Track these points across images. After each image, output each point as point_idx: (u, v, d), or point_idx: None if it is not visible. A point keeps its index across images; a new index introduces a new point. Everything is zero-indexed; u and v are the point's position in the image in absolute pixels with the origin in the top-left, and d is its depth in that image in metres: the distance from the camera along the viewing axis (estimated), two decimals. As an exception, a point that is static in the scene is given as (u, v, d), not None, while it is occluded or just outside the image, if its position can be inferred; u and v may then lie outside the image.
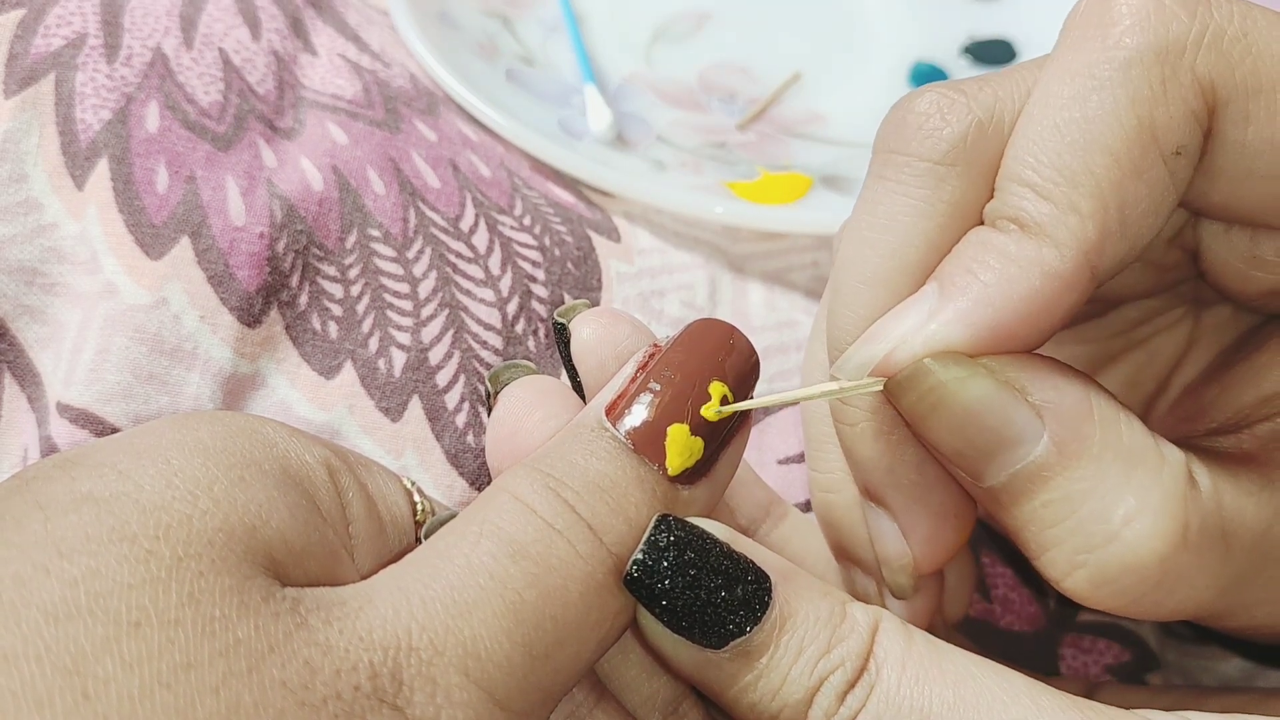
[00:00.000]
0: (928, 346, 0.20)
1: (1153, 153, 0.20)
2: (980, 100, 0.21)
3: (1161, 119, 0.20)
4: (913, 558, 0.24)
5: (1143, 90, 0.20)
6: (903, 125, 0.22)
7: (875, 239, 0.22)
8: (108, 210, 0.32)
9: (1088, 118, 0.20)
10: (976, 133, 0.21)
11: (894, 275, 0.22)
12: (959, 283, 0.21)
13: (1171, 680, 0.33)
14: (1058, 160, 0.20)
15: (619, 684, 0.23)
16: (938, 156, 0.21)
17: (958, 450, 0.21)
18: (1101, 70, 0.20)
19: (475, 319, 0.33)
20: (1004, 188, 0.21)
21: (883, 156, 0.22)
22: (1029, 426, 0.20)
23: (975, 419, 0.20)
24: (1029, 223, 0.20)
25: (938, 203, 0.21)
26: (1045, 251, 0.20)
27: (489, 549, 0.19)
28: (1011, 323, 0.20)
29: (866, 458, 0.23)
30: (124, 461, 0.19)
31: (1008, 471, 0.21)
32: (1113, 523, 0.20)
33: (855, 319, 0.22)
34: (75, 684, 0.15)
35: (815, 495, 0.26)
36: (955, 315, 0.20)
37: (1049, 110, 0.20)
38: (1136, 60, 0.20)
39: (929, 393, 0.21)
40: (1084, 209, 0.20)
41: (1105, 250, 0.20)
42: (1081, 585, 0.21)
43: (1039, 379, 0.21)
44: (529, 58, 0.45)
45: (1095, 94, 0.20)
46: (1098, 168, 0.20)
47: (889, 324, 0.21)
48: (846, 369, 0.22)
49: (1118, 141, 0.20)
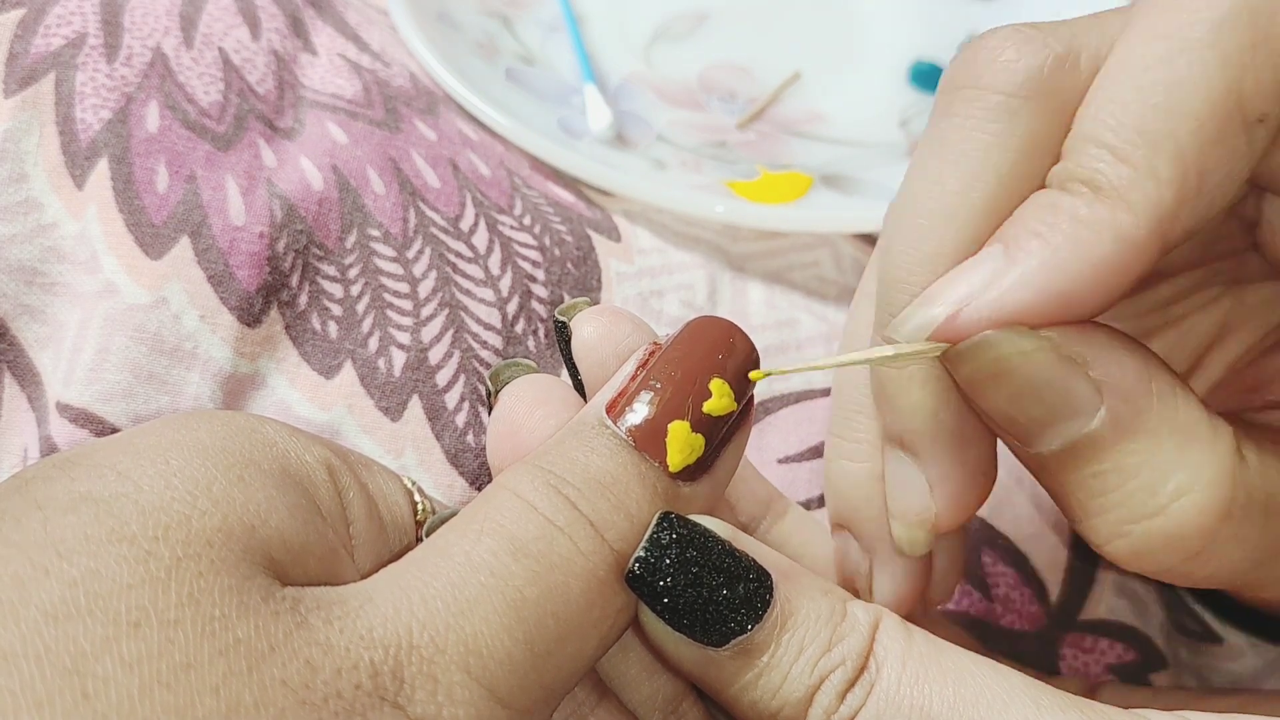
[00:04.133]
0: (993, 311, 0.20)
1: (1236, 119, 0.19)
2: (1058, 36, 0.21)
3: (1250, 84, 0.19)
4: (936, 512, 0.23)
5: (1233, 54, 0.19)
6: (974, 60, 0.21)
7: (943, 173, 0.21)
8: (108, 210, 0.32)
9: (1175, 80, 0.19)
10: (1054, 66, 0.20)
11: (962, 211, 0.21)
12: (1026, 245, 0.20)
13: (1179, 678, 0.33)
14: (1140, 123, 0.19)
15: (620, 683, 0.23)
16: (1012, 89, 0.20)
17: (1012, 418, 0.21)
18: (1191, 31, 0.19)
19: (475, 319, 0.33)
20: (1078, 148, 0.20)
21: (951, 93, 0.21)
22: (1088, 400, 0.20)
23: (1035, 392, 0.20)
24: (1104, 185, 0.19)
25: (1011, 137, 0.20)
26: (1120, 216, 0.19)
27: (490, 546, 0.19)
28: (1080, 289, 0.19)
29: (911, 404, 0.22)
30: (123, 462, 0.19)
31: (1061, 441, 0.20)
32: (1161, 496, 0.20)
33: (919, 257, 0.21)
34: (75, 684, 0.15)
35: (834, 463, 0.26)
36: (1021, 279, 0.19)
37: (1132, 70, 0.20)
38: (1228, 22, 0.19)
39: (990, 364, 0.20)
40: (1163, 175, 0.19)
41: (1180, 218, 0.19)
42: (1123, 552, 0.21)
43: (1102, 353, 0.20)
44: (529, 57, 0.45)
45: (1183, 55, 0.19)
46: (1181, 133, 0.19)
47: (950, 285, 0.20)
48: (903, 330, 0.21)
49: (1204, 105, 0.19)
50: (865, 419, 0.25)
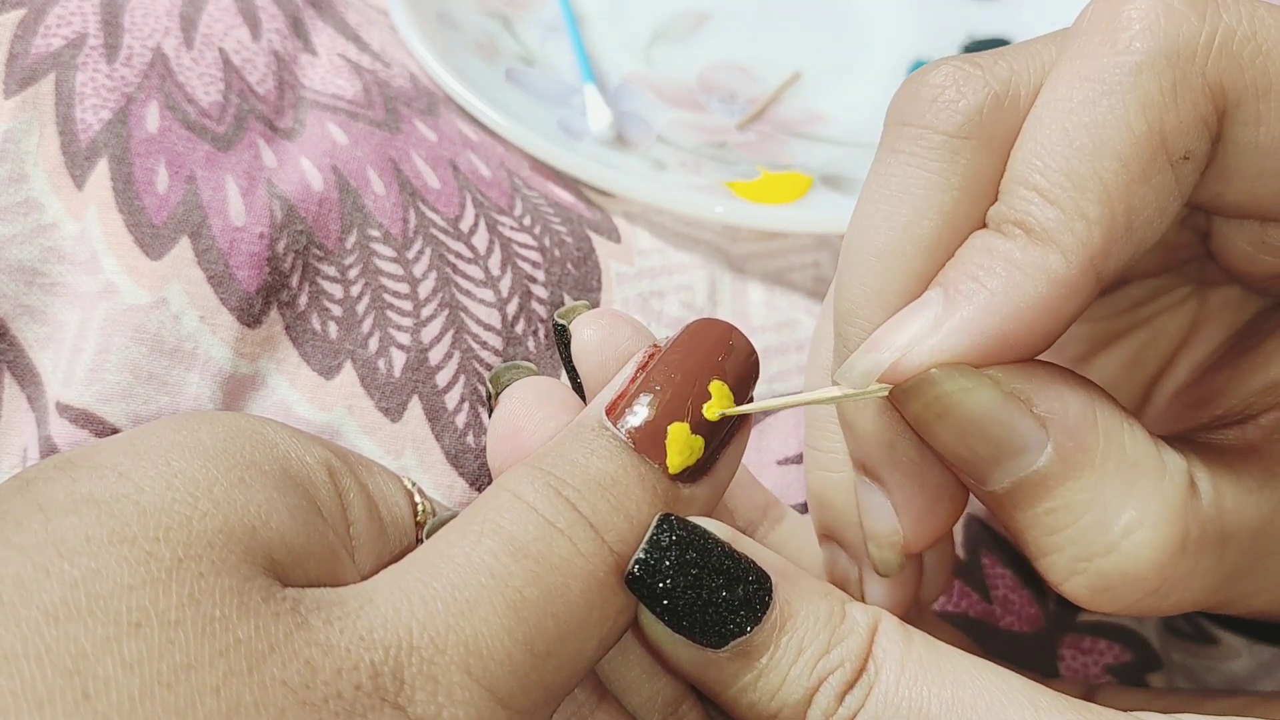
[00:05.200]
0: (934, 355, 0.20)
1: (1161, 158, 0.20)
2: (996, 73, 0.21)
3: (1171, 124, 0.19)
4: (903, 535, 0.24)
5: (1153, 95, 0.19)
6: (917, 98, 0.21)
7: (888, 211, 0.21)
8: (108, 210, 0.32)
9: (1097, 122, 0.20)
10: (992, 106, 0.21)
11: (907, 248, 0.21)
12: (965, 290, 0.20)
13: (1175, 680, 0.33)
14: (1065, 165, 0.20)
15: (620, 685, 0.23)
16: (953, 129, 0.21)
17: (961, 456, 0.21)
18: (1111, 75, 0.20)
19: (475, 319, 0.33)
20: (1010, 191, 0.21)
21: (896, 129, 0.22)
22: (1033, 436, 0.20)
23: (980, 429, 0.20)
24: (1035, 228, 0.20)
25: (953, 175, 0.21)
26: (1051, 258, 0.20)
27: (490, 547, 0.19)
28: (1017, 330, 0.20)
29: (867, 433, 0.23)
30: (124, 463, 0.19)
31: (1011, 479, 0.21)
32: (1113, 533, 0.20)
33: (866, 292, 0.22)
34: (76, 684, 0.15)
35: (812, 474, 0.26)
36: (961, 324, 0.20)
37: (1058, 113, 0.20)
38: (1147, 65, 0.19)
39: (934, 401, 0.20)
40: (1091, 215, 0.20)
41: (1111, 255, 0.20)
42: (1080, 590, 0.21)
43: (1044, 389, 0.20)
44: (529, 58, 0.45)
45: (1105, 99, 0.20)
46: (1106, 173, 0.19)
47: (893, 331, 0.21)
48: (850, 377, 0.21)
49: (1126, 147, 0.19)
50: (836, 429, 0.25)
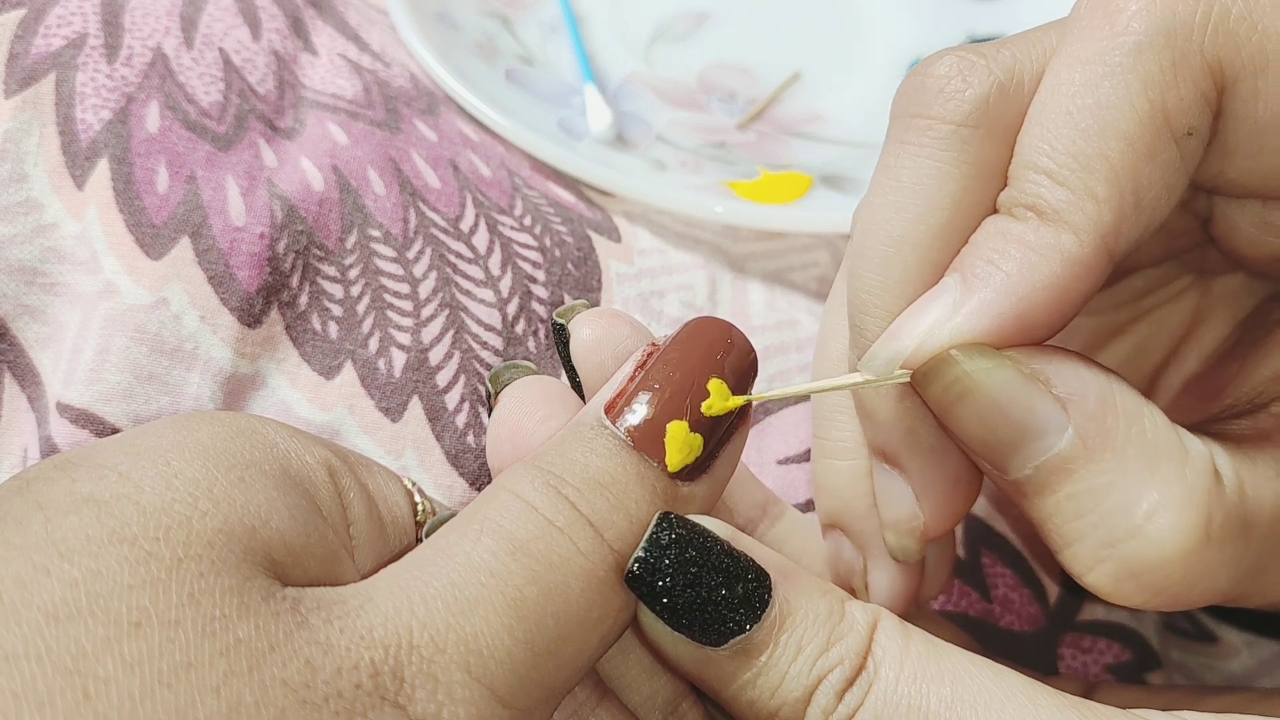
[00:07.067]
0: (954, 340, 0.21)
1: (1165, 135, 0.20)
2: (999, 62, 0.21)
3: (1173, 102, 0.20)
4: (923, 520, 0.24)
5: (1154, 74, 0.20)
6: (923, 89, 0.22)
7: (900, 203, 0.22)
8: (108, 210, 0.32)
9: (1100, 104, 0.20)
10: (998, 94, 0.21)
11: (921, 238, 0.22)
12: (980, 273, 0.21)
13: (1174, 678, 0.33)
14: (1072, 146, 0.20)
15: (620, 683, 0.23)
16: (960, 119, 0.21)
17: (983, 441, 0.21)
18: (1111, 56, 0.20)
19: (475, 319, 0.33)
20: (1019, 175, 0.21)
21: (903, 121, 0.22)
22: (1054, 418, 0.20)
23: (1000, 409, 0.21)
24: (1046, 210, 0.20)
25: (962, 164, 0.21)
26: (1064, 238, 0.20)
27: (490, 546, 0.19)
28: (1034, 311, 0.20)
29: (888, 419, 0.23)
30: (124, 463, 0.19)
31: (1033, 464, 0.21)
32: (1136, 517, 0.20)
33: (883, 283, 0.22)
34: (76, 684, 0.15)
35: (820, 462, 0.26)
36: (979, 307, 0.20)
37: (1061, 97, 0.20)
38: (1146, 45, 0.20)
39: (954, 383, 0.21)
40: (1100, 194, 0.20)
41: (1122, 233, 0.20)
42: (1105, 580, 0.21)
43: (1063, 371, 0.21)
44: (529, 58, 0.45)
45: (1106, 80, 0.20)
46: (1112, 153, 0.20)
47: (912, 319, 0.21)
48: (874, 365, 0.22)
49: (1131, 126, 0.20)
50: (847, 418, 0.25)
